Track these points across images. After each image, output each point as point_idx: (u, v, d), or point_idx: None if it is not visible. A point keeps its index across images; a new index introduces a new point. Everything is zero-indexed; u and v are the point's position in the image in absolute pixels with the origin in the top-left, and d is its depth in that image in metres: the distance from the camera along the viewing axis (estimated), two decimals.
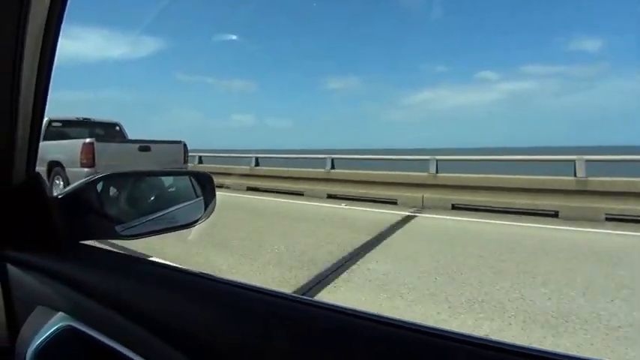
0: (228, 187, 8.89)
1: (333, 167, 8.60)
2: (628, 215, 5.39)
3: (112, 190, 0.82)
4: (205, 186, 0.96)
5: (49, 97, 0.66)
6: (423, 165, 7.45)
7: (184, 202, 0.97)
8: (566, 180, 6.07)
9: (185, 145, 7.73)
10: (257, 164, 9.86)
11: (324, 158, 8.71)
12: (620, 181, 5.71)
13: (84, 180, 0.73)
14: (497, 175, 6.64)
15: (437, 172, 7.13)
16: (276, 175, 9.20)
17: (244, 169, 9.77)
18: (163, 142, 7.32)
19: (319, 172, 8.59)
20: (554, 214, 5.88)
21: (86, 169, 6.09)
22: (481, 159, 7.58)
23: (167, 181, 1.08)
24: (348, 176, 8.19)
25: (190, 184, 0.99)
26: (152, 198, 0.97)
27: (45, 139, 6.97)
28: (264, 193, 8.75)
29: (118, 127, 8.27)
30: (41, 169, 6.55)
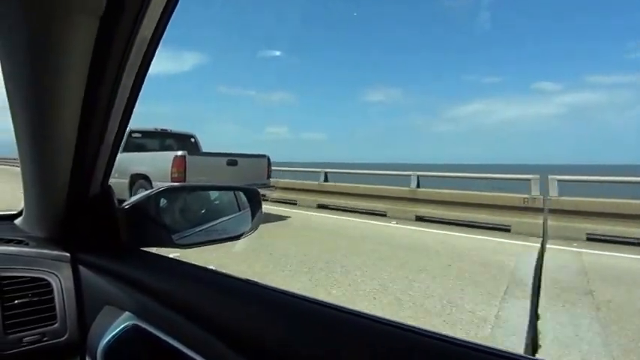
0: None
1: (326, 180, 9.03)
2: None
3: (167, 202, 0.87)
4: (252, 200, 0.98)
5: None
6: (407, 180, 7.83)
7: (231, 214, 1.01)
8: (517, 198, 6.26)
9: (269, 159, 7.03)
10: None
11: (319, 172, 9.19)
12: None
13: (146, 193, 0.77)
14: (461, 191, 6.97)
15: (418, 186, 7.55)
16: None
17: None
18: (249, 156, 6.79)
19: (313, 184, 9.06)
20: (507, 229, 6.11)
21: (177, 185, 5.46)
22: (463, 176, 7.94)
23: (213, 194, 1.12)
24: (341, 189, 8.59)
25: (234, 198, 1.02)
26: (203, 211, 1.01)
27: (125, 150, 6.33)
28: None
29: (193, 139, 7.72)
30: (121, 181, 6.20)
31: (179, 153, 5.94)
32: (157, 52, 0.56)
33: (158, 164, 6.10)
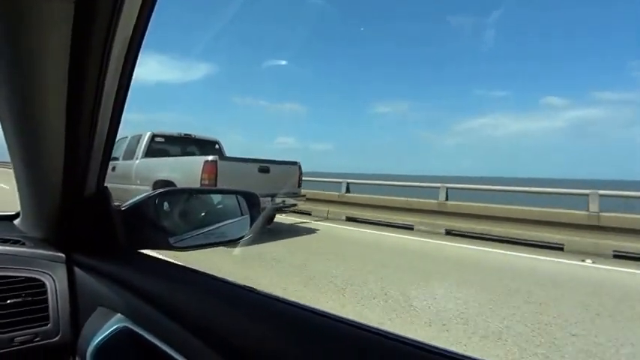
0: None
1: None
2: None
3: (166, 205, 0.87)
4: (252, 204, 0.99)
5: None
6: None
7: (231, 218, 1.01)
8: (431, 202, 7.23)
9: (300, 167, 6.49)
10: None
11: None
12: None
13: (145, 194, 0.76)
14: (382, 196, 7.98)
15: (347, 191, 8.43)
16: None
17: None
18: (280, 163, 6.27)
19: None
20: (411, 228, 7.12)
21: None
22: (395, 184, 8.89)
23: (216, 198, 1.13)
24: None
25: (237, 202, 1.03)
26: (202, 214, 1.01)
27: (147, 155, 6.06)
28: None
29: (217, 146, 7.11)
30: (143, 188, 5.50)
31: (210, 157, 5.27)
32: (173, 63, 0.69)
33: (186, 170, 5.51)
